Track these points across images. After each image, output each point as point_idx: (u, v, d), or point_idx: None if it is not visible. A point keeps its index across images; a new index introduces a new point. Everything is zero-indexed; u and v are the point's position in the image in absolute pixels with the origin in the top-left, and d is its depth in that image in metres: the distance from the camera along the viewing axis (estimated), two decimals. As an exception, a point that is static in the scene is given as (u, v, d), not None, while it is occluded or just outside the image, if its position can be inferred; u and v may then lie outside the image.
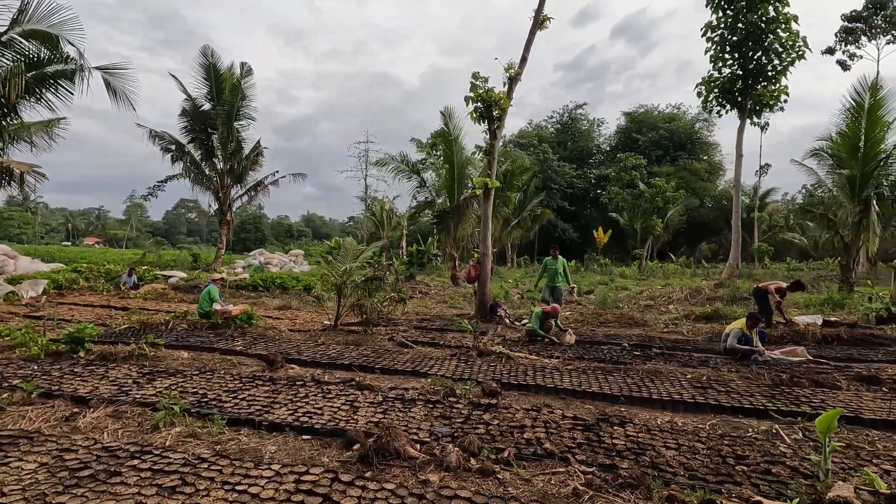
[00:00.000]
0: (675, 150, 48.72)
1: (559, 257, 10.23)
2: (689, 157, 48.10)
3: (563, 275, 10.11)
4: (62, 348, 6.33)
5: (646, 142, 49.03)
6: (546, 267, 10.34)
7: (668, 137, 49.42)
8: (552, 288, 10.13)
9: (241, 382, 4.92)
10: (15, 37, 11.66)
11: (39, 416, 4.13)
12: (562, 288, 10.20)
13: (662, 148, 48.49)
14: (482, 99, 9.72)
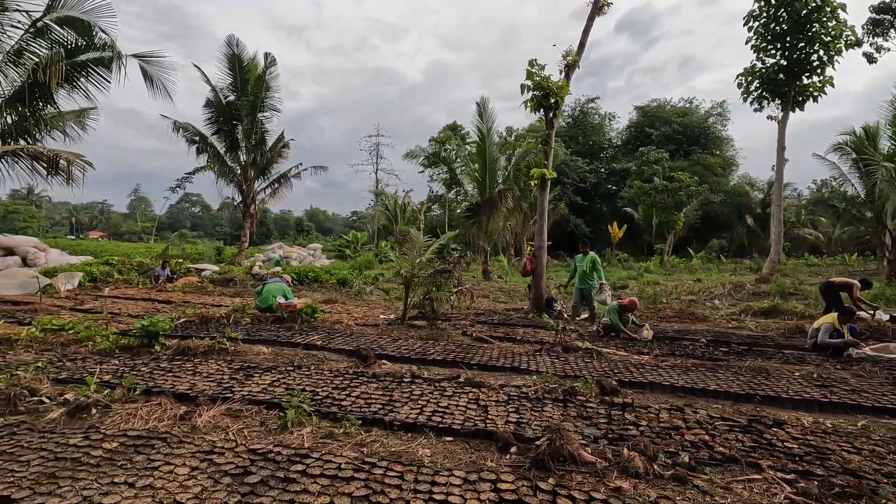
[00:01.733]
0: (689, 145, 48.29)
1: (589, 253, 9.22)
2: (702, 151, 47.67)
3: (593, 272, 8.99)
4: (133, 342, 6.10)
5: (659, 136, 48.60)
6: (575, 266, 9.32)
7: (682, 132, 48.99)
8: (580, 291, 9.11)
9: (345, 379, 4.67)
10: (50, 23, 11.35)
11: (151, 415, 3.88)
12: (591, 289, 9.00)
13: (675, 142, 48.04)
14: (539, 87, 9.42)
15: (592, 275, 8.99)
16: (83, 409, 3.98)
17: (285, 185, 21.54)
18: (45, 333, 6.58)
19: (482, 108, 16.39)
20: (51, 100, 11.27)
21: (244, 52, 19.47)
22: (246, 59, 19.72)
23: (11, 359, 5.62)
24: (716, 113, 50.88)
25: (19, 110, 11.49)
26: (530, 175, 9.91)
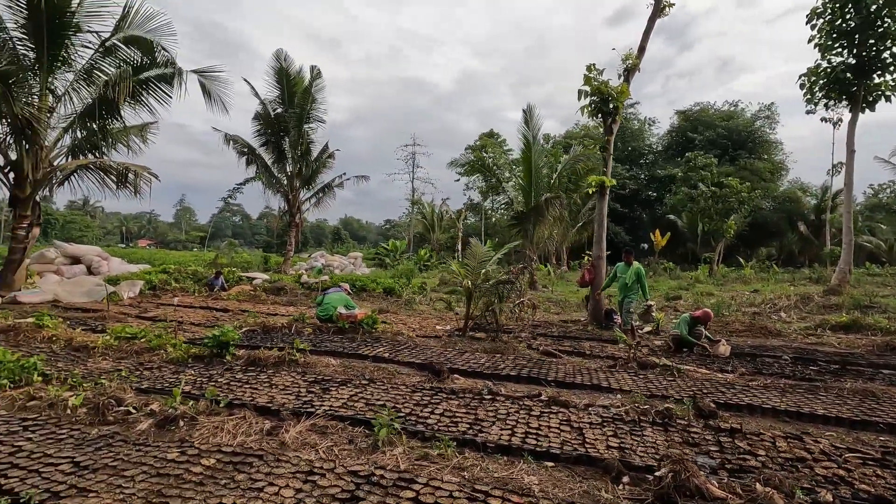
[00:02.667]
0: (735, 149, 46.55)
1: (633, 263, 8.36)
2: (749, 155, 45.83)
3: (638, 286, 8.19)
4: (204, 352, 6.16)
5: (702, 141, 47.11)
6: (616, 275, 8.50)
7: (727, 136, 47.32)
8: (622, 303, 8.30)
9: (423, 394, 4.53)
10: (117, 43, 11.89)
11: (237, 429, 3.84)
12: (635, 303, 8.19)
13: (720, 147, 46.40)
14: (599, 92, 9.15)
15: (635, 287, 8.22)
16: (171, 422, 3.98)
17: (329, 194, 21.89)
18: (119, 341, 6.75)
19: (528, 115, 16.18)
20: (117, 115, 11.76)
21: (291, 65, 19.99)
22: (293, 73, 20.21)
23: (92, 366, 5.76)
24: (763, 116, 48.97)
25: (88, 126, 12.05)
26: (588, 182, 9.62)
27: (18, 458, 3.17)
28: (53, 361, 5.87)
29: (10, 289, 10.95)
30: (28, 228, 11.13)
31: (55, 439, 3.56)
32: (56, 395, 4.47)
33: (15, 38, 10.95)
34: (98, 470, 3.04)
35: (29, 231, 11.15)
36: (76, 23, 11.11)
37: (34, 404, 4.42)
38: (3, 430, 3.66)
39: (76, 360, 6.03)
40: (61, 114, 11.84)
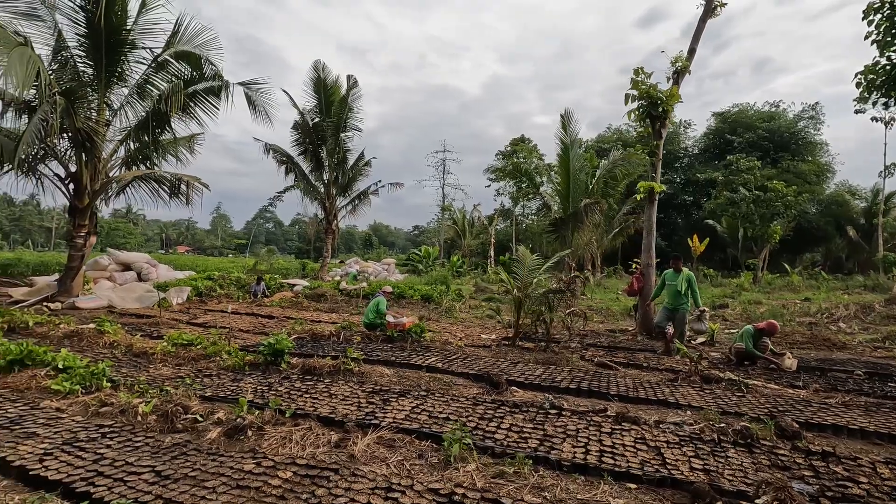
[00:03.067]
0: (777, 151, 44.79)
1: (683, 270, 7.93)
2: (793, 158, 44.00)
3: (689, 294, 7.78)
4: (259, 359, 6.24)
5: (742, 143, 45.50)
6: (664, 282, 8.09)
7: (768, 138, 45.59)
8: (671, 311, 7.82)
9: (486, 407, 4.44)
10: (168, 58, 12.33)
11: (305, 440, 3.84)
12: (685, 311, 7.82)
13: (761, 149, 44.70)
14: (648, 96, 8.92)
15: (687, 295, 7.81)
16: (239, 431, 4.01)
17: (364, 201, 22.14)
18: (176, 348, 6.92)
19: (565, 119, 15.98)
20: (168, 127, 12.18)
21: (329, 75, 20.36)
22: (330, 83, 20.58)
23: (154, 373, 5.92)
24: (807, 116, 46.99)
25: (141, 138, 12.53)
26: (637, 189, 9.37)
27: (102, 465, 3.24)
28: (118, 367, 6.04)
29: (69, 294, 11.44)
30: (86, 237, 11.61)
31: (132, 447, 3.63)
32: (126, 401, 4.59)
33: (76, 56, 11.51)
34: (179, 480, 3.07)
35: (86, 239, 11.64)
36: (132, 40, 11.59)
37: (106, 410, 4.55)
38: (84, 437, 3.76)
39: (138, 366, 6.21)
40: (116, 127, 12.35)
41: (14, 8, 10.51)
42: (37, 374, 5.39)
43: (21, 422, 4.09)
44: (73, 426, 4.00)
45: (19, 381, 5.26)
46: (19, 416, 4.21)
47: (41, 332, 8.10)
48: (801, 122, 47.00)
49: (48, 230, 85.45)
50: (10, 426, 3.99)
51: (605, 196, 17.30)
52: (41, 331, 8.14)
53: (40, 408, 4.51)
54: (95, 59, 11.35)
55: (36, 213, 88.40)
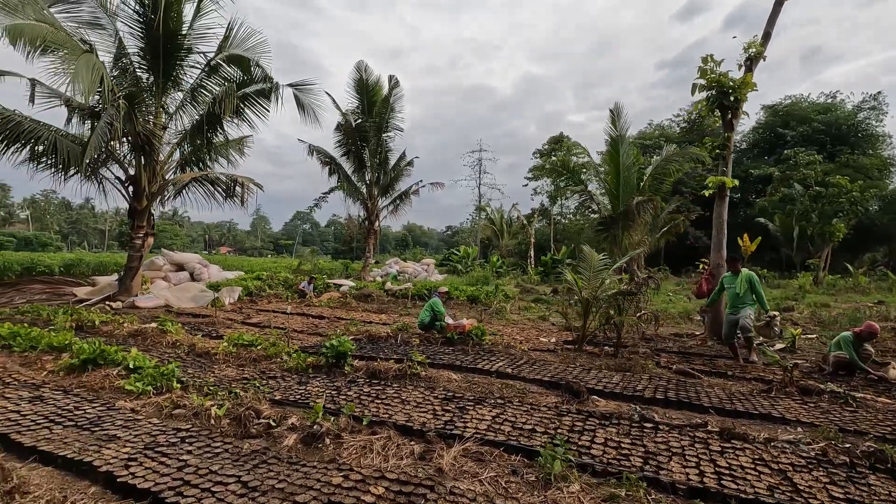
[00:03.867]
0: (834, 145, 42.20)
1: (742, 271, 7.11)
2: (852, 151, 41.35)
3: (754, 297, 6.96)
4: (321, 361, 6.12)
5: (795, 137, 43.12)
6: (722, 287, 7.33)
7: (824, 130, 43.03)
8: (733, 318, 6.95)
9: (574, 419, 4.12)
10: (220, 62, 12.53)
11: (387, 451, 3.63)
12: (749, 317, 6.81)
13: (817, 143, 42.20)
14: (718, 84, 8.36)
15: (749, 297, 6.95)
16: (317, 438, 3.85)
17: (405, 202, 22.09)
18: (237, 349, 6.90)
19: (615, 114, 15.38)
20: (221, 130, 12.38)
21: (371, 76, 20.39)
22: (371, 83, 20.61)
23: (219, 373, 5.88)
24: (868, 107, 44.07)
25: (195, 141, 12.79)
26: (705, 184, 8.81)
27: (187, 473, 3.12)
28: (183, 367, 6.03)
29: (128, 294, 11.78)
30: (144, 238, 11.93)
31: (212, 453, 3.51)
32: (199, 404, 4.52)
33: (134, 63, 11.85)
34: (267, 492, 2.91)
35: (144, 240, 11.95)
36: (187, 45, 11.83)
37: (179, 412, 4.48)
38: (164, 441, 3.67)
39: (203, 367, 6.19)
40: (171, 131, 12.64)
41: (78, 17, 10.89)
42: (109, 373, 5.42)
43: (100, 423, 4.06)
44: (150, 429, 3.93)
45: (93, 380, 5.31)
46: (98, 417, 4.20)
47: (107, 330, 8.29)
48: (862, 113, 44.14)
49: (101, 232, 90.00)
50: (91, 427, 3.96)
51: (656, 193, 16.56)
52: (107, 329, 8.34)
53: (116, 408, 4.49)
54: (153, 65, 11.65)
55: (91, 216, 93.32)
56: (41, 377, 5.53)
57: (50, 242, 54.98)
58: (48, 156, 10.56)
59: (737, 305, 7.01)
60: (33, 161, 10.84)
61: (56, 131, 10.64)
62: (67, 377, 5.54)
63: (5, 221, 74.60)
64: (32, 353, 6.33)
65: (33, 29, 8.87)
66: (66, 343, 6.38)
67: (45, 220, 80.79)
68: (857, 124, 43.31)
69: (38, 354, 6.29)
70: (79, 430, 3.93)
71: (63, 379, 5.50)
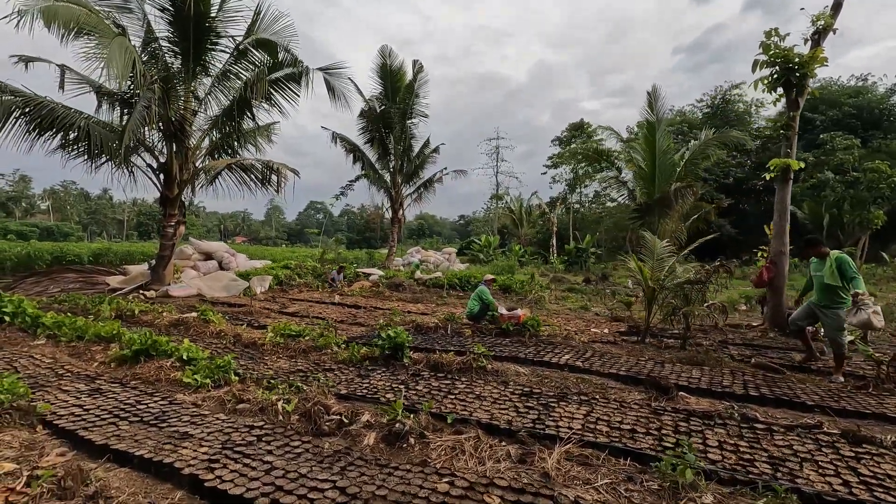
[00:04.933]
0: (866, 130, 40.76)
1: (831, 253, 5.51)
2: (885, 136, 39.92)
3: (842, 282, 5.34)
4: (375, 352, 5.86)
5: (825, 121, 41.72)
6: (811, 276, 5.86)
7: (855, 115, 41.57)
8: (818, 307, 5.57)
9: (675, 419, 3.79)
10: (248, 46, 12.22)
11: (481, 453, 3.34)
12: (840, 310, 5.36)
13: (848, 128, 40.74)
14: (784, 59, 7.83)
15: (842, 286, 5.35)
16: (400, 438, 3.58)
17: (430, 190, 21.74)
18: (284, 339, 6.68)
19: (652, 96, 14.81)
20: (251, 115, 12.12)
21: (395, 61, 19.95)
22: (395, 68, 20.17)
23: (272, 365, 5.66)
24: (901, 89, 42.44)
25: (225, 128, 12.54)
26: (768, 167, 8.33)
27: (277, 478, 2.87)
28: (234, 359, 5.80)
29: (161, 283, 11.66)
30: (175, 226, 11.77)
31: (293, 453, 3.26)
32: (264, 398, 4.28)
33: (163, 47, 11.60)
34: (370, 500, 2.64)
35: (176, 228, 11.80)
36: (216, 28, 11.53)
37: (244, 407, 4.25)
38: (239, 440, 3.43)
39: (254, 358, 5.98)
40: (201, 118, 12.41)
41: (109, 1, 10.64)
42: (163, 365, 5.22)
43: (165, 418, 3.84)
44: (221, 426, 3.70)
45: (147, 371, 5.11)
46: (162, 412, 3.98)
47: (146, 320, 8.14)
48: (895, 96, 42.57)
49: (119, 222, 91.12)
50: (157, 423, 3.74)
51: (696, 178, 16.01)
52: (146, 319, 8.18)
53: (177, 402, 4.27)
54: (183, 49, 11.38)
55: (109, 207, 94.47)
56: (93, 368, 5.35)
57: (72, 232, 55.75)
58: (81, 143, 10.39)
59: (824, 297, 5.52)
60: (65, 148, 10.69)
61: (88, 118, 10.45)
62: (119, 368, 5.36)
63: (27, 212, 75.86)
64: (80, 344, 6.17)
65: (68, 11, 8.63)
66: (114, 333, 6.21)
67: (66, 210, 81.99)
68: (889, 108, 41.81)
69: (86, 345, 6.13)
70: (146, 426, 3.71)
71: (115, 370, 5.32)
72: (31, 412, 3.71)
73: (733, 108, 49.37)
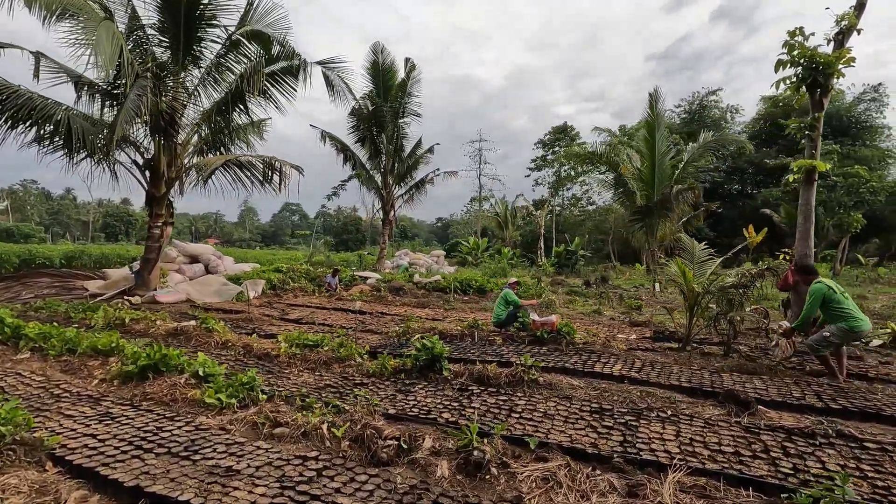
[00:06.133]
0: (835, 137, 42.27)
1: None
2: (853, 143, 41.50)
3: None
4: (407, 364, 5.38)
5: (797, 128, 43.07)
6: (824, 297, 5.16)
7: (826, 122, 42.93)
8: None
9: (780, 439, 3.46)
10: (240, 37, 11.54)
11: (581, 485, 2.91)
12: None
13: (819, 134, 42.20)
14: (810, 59, 7.71)
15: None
16: (479, 467, 3.13)
17: (421, 190, 21.24)
18: (302, 350, 6.12)
19: (653, 99, 14.74)
20: (245, 110, 11.43)
21: (386, 58, 19.41)
22: (387, 66, 19.64)
23: (295, 380, 5.11)
24: (868, 98, 44.23)
25: (215, 123, 11.81)
26: (791, 168, 8.20)
27: (363, 526, 2.38)
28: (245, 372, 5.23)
29: (146, 288, 10.85)
30: (162, 227, 10.99)
31: (364, 490, 2.79)
32: (305, 421, 3.76)
33: (151, 36, 10.84)
34: (486, 554, 2.19)
35: (163, 230, 11.01)
36: (208, 15, 10.83)
37: (282, 432, 3.72)
38: (296, 475, 2.91)
39: (272, 372, 5.42)
40: (190, 112, 11.66)
41: (90, -18, 9.82)
42: (176, 382, 4.62)
43: (197, 449, 3.29)
44: (267, 456, 3.18)
45: (158, 390, 4.51)
46: (191, 441, 3.42)
47: (139, 329, 7.43)
48: (861, 104, 44.32)
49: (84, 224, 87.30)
50: (189, 455, 3.19)
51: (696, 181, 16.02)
52: (139, 328, 7.47)
53: (203, 428, 3.71)
54: (172, 37, 10.65)
55: (73, 207, 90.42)
56: (93, 387, 4.70)
57: (33, 234, 52.87)
58: (59, 136, 9.54)
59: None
60: (41, 142, 9.83)
61: (67, 109, 9.62)
62: (124, 387, 4.73)
63: (-18, 213, 71.84)
64: (73, 358, 5.49)
65: (49, -11, 7.86)
66: (113, 346, 5.53)
67: (26, 210, 78.02)
68: (857, 116, 43.48)
69: (81, 359, 5.44)
70: (177, 458, 3.15)
71: (120, 389, 4.69)
72: (38, 446, 3.11)
73: (709, 114, 50.62)
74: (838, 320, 5.09)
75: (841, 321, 5.06)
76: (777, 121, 46.00)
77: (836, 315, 5.11)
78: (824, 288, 5.21)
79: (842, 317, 5.07)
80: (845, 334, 5.04)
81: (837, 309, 5.11)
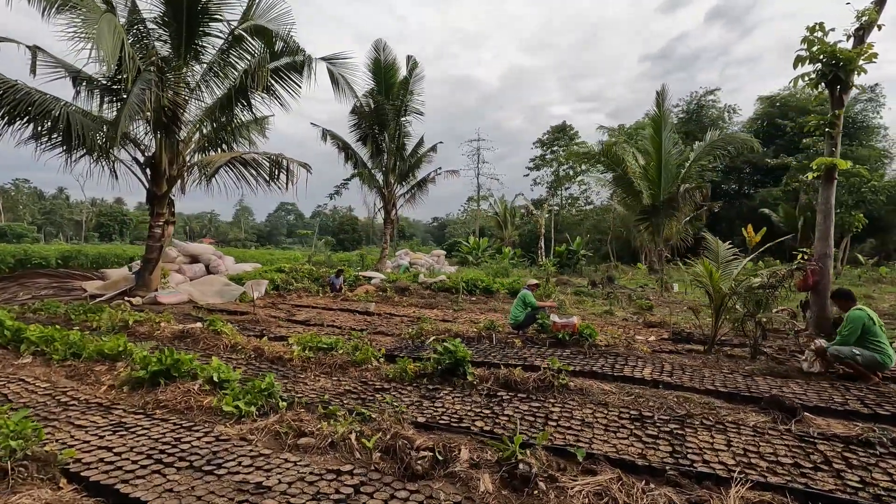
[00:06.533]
0: (832, 136, 42.45)
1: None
2: (850, 142, 41.66)
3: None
4: (428, 368, 5.17)
5: (794, 128, 43.20)
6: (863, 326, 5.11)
7: (823, 122, 43.15)
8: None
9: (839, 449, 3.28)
10: (243, 33, 11.29)
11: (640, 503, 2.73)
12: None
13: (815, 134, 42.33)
14: (831, 55, 7.57)
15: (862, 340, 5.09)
16: (525, 482, 2.93)
17: (423, 189, 21.02)
18: (315, 353, 5.91)
19: (660, 97, 14.60)
20: (248, 107, 11.18)
21: (388, 56, 19.18)
22: (389, 64, 19.40)
23: (313, 385, 4.90)
24: (865, 99, 44.41)
25: (217, 120, 11.55)
26: (811, 166, 8.06)
27: (415, 551, 2.18)
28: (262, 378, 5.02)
29: (147, 289, 10.59)
30: (164, 226, 10.73)
31: (407, 509, 2.58)
32: (331, 431, 3.55)
33: (151, 30, 10.58)
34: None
35: (164, 229, 10.75)
36: (211, 10, 10.57)
37: (308, 443, 3.51)
38: (332, 492, 2.71)
39: (287, 376, 5.20)
40: (191, 108, 11.39)
41: (90, -25, 9.54)
42: (189, 388, 4.40)
43: (221, 462, 3.08)
44: (298, 471, 2.97)
45: (172, 397, 4.28)
46: (213, 454, 3.21)
47: (144, 331, 7.18)
48: (858, 104, 44.49)
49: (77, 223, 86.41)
50: (213, 469, 2.98)
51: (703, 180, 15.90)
52: (143, 330, 7.22)
53: (222, 438, 3.50)
54: (174, 31, 10.39)
55: (66, 207, 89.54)
56: (102, 394, 4.47)
57: (26, 233, 52.13)
58: (58, 133, 9.27)
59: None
60: (39, 139, 9.54)
61: (66, 105, 9.34)
62: (135, 394, 4.50)
63: (-27, 212, 70.88)
64: (78, 363, 5.24)
65: (49, -20, 7.59)
66: (120, 350, 5.29)
67: (18, 210, 77.15)
68: (853, 116, 43.63)
69: (87, 364, 5.19)
70: (200, 473, 2.94)
71: (130, 396, 4.45)
72: (52, 461, 2.88)
73: (707, 114, 50.69)
74: (872, 350, 5.13)
75: (876, 353, 5.10)
76: (775, 121, 46.23)
77: (871, 346, 5.15)
78: (865, 316, 5.23)
79: (877, 350, 5.11)
80: (872, 363, 5.10)
81: (873, 341, 5.15)
